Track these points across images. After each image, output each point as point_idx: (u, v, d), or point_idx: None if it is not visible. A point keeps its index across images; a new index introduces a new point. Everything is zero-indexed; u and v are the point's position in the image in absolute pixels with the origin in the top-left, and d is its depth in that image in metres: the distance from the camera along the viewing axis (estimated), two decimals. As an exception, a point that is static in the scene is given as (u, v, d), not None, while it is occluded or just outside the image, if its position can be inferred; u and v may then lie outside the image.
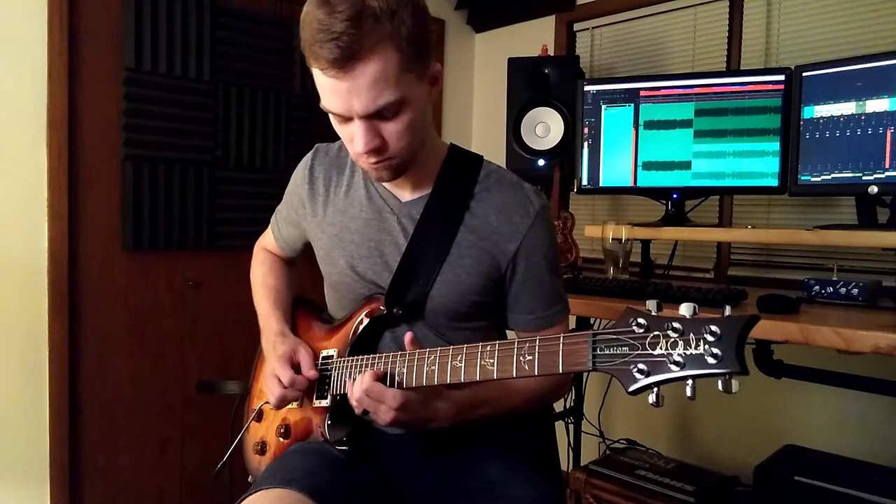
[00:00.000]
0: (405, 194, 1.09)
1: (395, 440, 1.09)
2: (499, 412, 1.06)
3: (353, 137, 0.94)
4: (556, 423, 1.59)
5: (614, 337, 0.75)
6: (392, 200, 1.10)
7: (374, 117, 0.92)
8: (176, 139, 2.20)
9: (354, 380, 0.97)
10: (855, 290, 1.46)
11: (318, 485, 0.95)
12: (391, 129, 0.94)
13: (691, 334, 0.70)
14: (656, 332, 0.73)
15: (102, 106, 2.07)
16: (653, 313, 0.74)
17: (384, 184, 1.09)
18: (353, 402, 0.95)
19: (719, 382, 0.69)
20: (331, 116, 0.96)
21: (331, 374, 1.09)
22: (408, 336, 0.96)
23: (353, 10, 0.84)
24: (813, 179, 1.63)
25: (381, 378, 0.95)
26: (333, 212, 1.14)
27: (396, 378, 0.95)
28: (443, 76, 1.01)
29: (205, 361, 2.34)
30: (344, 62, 0.86)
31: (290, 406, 1.14)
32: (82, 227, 2.07)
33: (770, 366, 1.45)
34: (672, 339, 0.71)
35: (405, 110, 0.93)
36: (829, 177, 1.61)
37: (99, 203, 2.09)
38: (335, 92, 0.90)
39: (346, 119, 0.93)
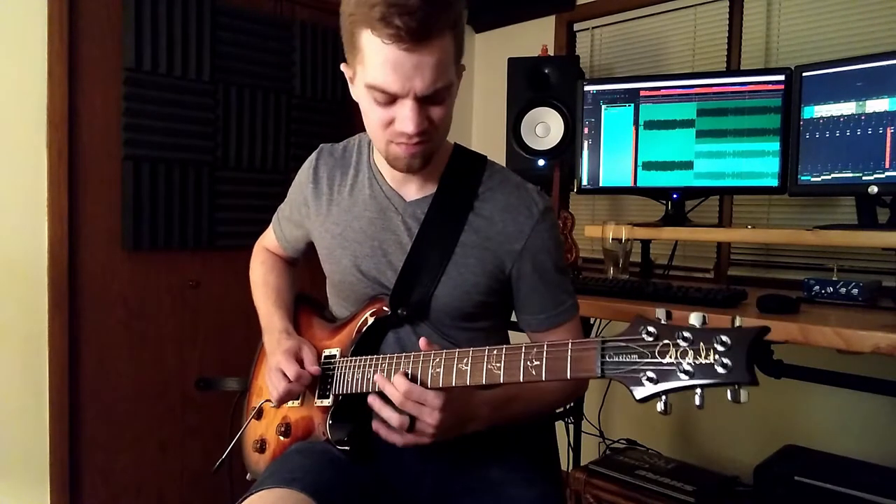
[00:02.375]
0: (409, 193, 1.09)
1: (395, 440, 1.09)
2: (531, 408, 1.07)
3: (399, 118, 0.93)
4: (556, 423, 1.59)
5: (623, 344, 0.76)
6: (396, 199, 1.10)
7: (426, 100, 0.92)
8: (176, 139, 2.20)
9: (377, 399, 0.95)
10: (855, 290, 1.46)
11: (319, 485, 0.95)
12: (437, 113, 0.95)
13: (701, 343, 0.71)
14: (666, 341, 0.73)
15: (102, 106, 2.07)
16: (662, 322, 0.75)
17: (388, 182, 1.10)
18: (394, 419, 0.93)
19: (728, 392, 0.69)
20: (370, 97, 0.94)
21: (333, 374, 1.09)
22: (423, 341, 0.95)
23: None
24: (813, 179, 1.63)
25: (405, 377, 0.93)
26: (337, 211, 1.14)
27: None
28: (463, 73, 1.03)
29: (205, 361, 2.34)
30: (420, 36, 0.86)
31: (290, 405, 1.14)
32: (82, 227, 2.06)
33: (770, 366, 1.45)
34: (682, 348, 0.72)
35: (448, 97, 0.95)
36: (829, 177, 1.61)
37: (99, 203, 2.09)
38: (399, 67, 0.88)
39: (393, 100, 0.92)
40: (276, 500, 0.93)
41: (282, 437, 1.14)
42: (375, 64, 0.90)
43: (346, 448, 1.04)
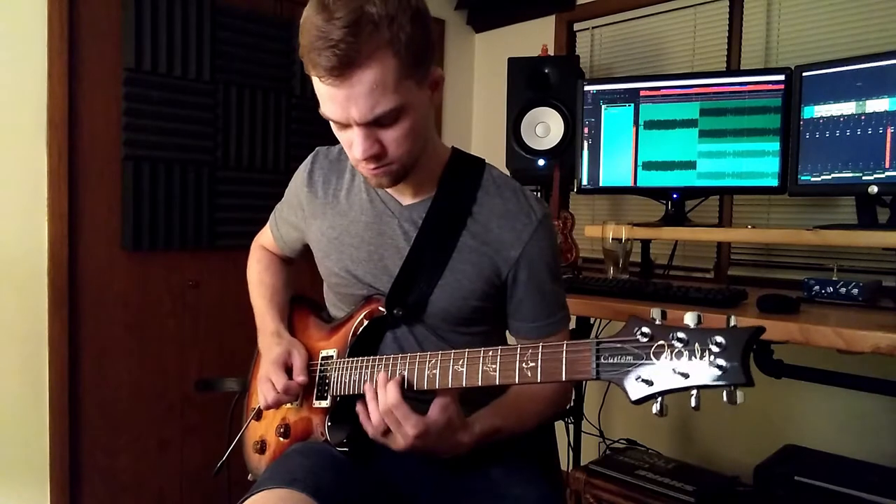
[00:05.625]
0: (406, 198, 1.09)
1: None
2: (512, 433, 1.06)
3: (352, 143, 0.94)
4: (556, 423, 1.59)
5: (618, 346, 0.75)
6: (393, 204, 1.09)
7: (373, 124, 0.91)
8: (176, 139, 2.20)
9: (371, 390, 0.95)
10: (855, 290, 1.46)
11: (320, 485, 0.95)
12: (390, 136, 0.93)
13: (696, 344, 0.70)
14: (661, 342, 0.72)
15: (102, 106, 2.07)
16: (657, 322, 0.74)
17: None
18: (374, 418, 0.93)
19: (724, 393, 0.68)
20: (331, 122, 0.96)
21: (331, 375, 1.09)
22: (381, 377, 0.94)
23: (351, 16, 0.83)
24: (813, 179, 1.63)
25: (400, 387, 0.93)
26: (333, 215, 1.13)
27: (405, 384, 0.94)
28: (444, 81, 1.00)
29: (205, 361, 2.34)
30: (341, 70, 0.85)
31: (289, 406, 1.14)
32: (82, 227, 2.07)
33: (770, 366, 1.45)
34: (677, 349, 0.71)
35: (404, 117, 0.92)
36: (829, 177, 1.61)
37: (99, 203, 2.09)
38: (333, 99, 0.89)
39: (345, 126, 0.93)
40: (277, 500, 0.93)
41: (281, 438, 1.14)
42: (318, 94, 0.92)
43: (346, 449, 1.04)
